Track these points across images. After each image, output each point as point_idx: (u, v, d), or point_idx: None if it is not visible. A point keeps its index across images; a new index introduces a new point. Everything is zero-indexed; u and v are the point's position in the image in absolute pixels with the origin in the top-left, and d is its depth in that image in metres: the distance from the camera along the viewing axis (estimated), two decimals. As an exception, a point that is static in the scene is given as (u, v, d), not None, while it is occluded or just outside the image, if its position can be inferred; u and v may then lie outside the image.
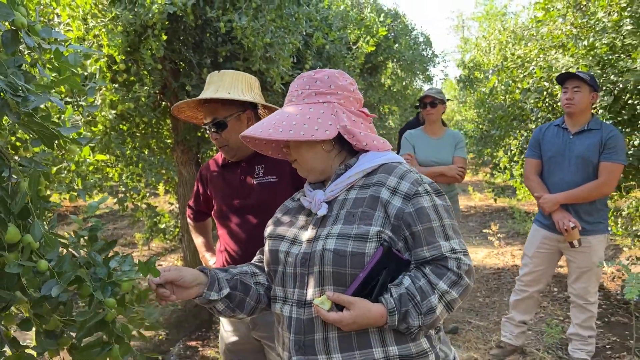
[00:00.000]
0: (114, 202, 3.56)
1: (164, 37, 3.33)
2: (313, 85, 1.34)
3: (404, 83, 9.73)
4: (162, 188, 6.10)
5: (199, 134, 4.31)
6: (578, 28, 4.02)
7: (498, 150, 4.90)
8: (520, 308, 3.37)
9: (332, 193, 1.30)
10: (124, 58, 3.39)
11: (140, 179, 3.93)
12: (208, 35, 3.92)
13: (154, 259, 1.35)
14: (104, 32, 3.23)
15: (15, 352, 1.31)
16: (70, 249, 1.47)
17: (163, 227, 5.24)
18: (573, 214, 3.05)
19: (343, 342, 1.20)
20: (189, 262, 4.46)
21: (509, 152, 4.64)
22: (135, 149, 3.99)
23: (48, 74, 1.39)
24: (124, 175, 3.81)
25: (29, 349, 1.34)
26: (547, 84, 4.12)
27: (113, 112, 3.35)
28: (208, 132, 1.95)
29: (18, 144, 1.62)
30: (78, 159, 2.64)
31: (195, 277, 1.31)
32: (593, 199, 3.04)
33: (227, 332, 2.04)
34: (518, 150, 4.54)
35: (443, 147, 3.70)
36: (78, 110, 1.92)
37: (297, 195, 1.48)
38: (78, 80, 1.38)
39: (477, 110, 6.00)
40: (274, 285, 1.35)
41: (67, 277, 1.28)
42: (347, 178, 1.30)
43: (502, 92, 4.66)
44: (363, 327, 1.17)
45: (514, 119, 4.63)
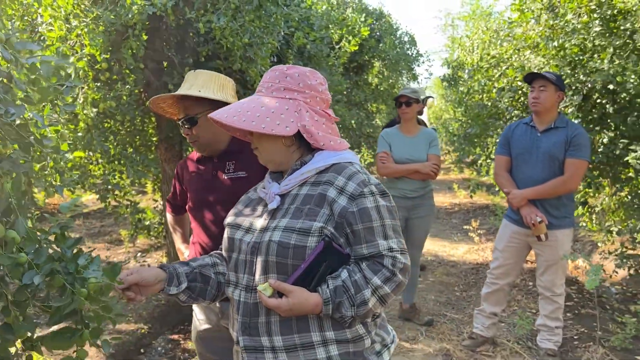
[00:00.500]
0: (97, 198, 3.63)
1: (145, 37, 3.40)
2: (283, 80, 1.40)
3: (390, 81, 9.84)
4: (150, 186, 6.16)
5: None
6: (550, 29, 4.14)
7: (475, 148, 5.02)
8: (491, 300, 3.49)
9: (285, 187, 1.39)
10: (107, 57, 3.46)
11: (123, 176, 4.00)
12: (191, 35, 4.00)
13: (119, 265, 1.44)
14: (86, 31, 3.30)
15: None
16: (44, 244, 1.55)
17: (147, 224, 5.31)
18: (540, 209, 3.17)
19: (284, 326, 1.29)
20: (173, 257, 4.53)
21: (486, 149, 4.75)
22: (118, 146, 4.06)
23: (24, 86, 1.48)
24: (107, 172, 3.88)
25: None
26: (520, 83, 4.24)
27: (95, 110, 3.42)
28: (181, 129, 2.04)
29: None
30: (56, 156, 2.71)
31: (156, 275, 1.40)
32: (559, 194, 3.16)
33: (199, 320, 2.14)
34: (494, 148, 4.65)
35: (418, 145, 3.81)
36: (54, 110, 2.00)
37: (259, 186, 1.56)
38: (50, 93, 1.47)
39: (460, 109, 6.13)
40: (228, 271, 1.45)
41: (45, 268, 1.38)
42: (300, 174, 1.38)
43: (478, 91, 4.78)
44: (299, 314, 1.27)
45: (491, 118, 4.75)
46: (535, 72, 3.26)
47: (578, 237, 6.88)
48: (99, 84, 3.64)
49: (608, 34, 3.89)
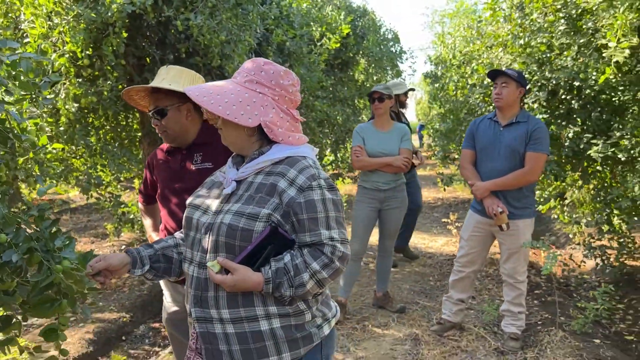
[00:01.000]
0: (80, 191, 3.75)
1: (125, 34, 3.52)
2: (258, 74, 1.49)
3: (375, 78, 9.99)
4: (137, 181, 6.26)
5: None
6: (520, 27, 4.30)
7: (449, 144, 5.18)
8: (458, 287, 3.65)
9: (242, 174, 1.51)
10: (89, 53, 3.57)
11: (105, 169, 4.12)
12: (171, 32, 4.11)
13: (91, 253, 1.59)
14: (67, 29, 3.41)
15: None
16: (23, 225, 1.69)
17: (132, 217, 5.42)
18: (502, 200, 3.33)
19: (230, 300, 1.42)
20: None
21: (460, 144, 4.91)
22: (101, 140, 4.17)
23: (5, 81, 1.60)
24: (89, 166, 3.99)
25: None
26: (489, 80, 4.39)
27: (76, 105, 3.53)
28: (151, 120, 2.17)
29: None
30: (35, 148, 2.84)
31: (121, 260, 1.55)
32: (520, 186, 3.32)
33: (168, 303, 2.27)
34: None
35: (390, 139, 3.95)
36: (33, 104, 2.12)
37: (223, 168, 1.68)
38: (29, 86, 1.61)
39: (436, 105, 6.29)
40: (185, 247, 1.57)
41: (23, 247, 1.52)
42: (256, 163, 1.50)
43: (452, 87, 4.94)
44: (242, 290, 1.40)
45: (465, 113, 4.92)
46: (498, 69, 3.42)
47: (553, 229, 7.09)
48: (81, 80, 3.75)
49: (573, 33, 4.05)
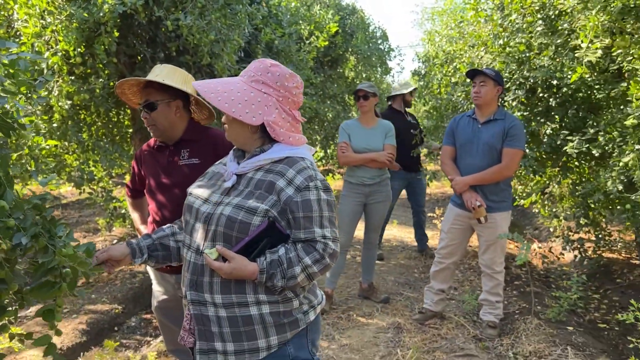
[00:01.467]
0: (72, 185, 3.86)
1: (116, 33, 3.62)
2: (264, 75, 1.57)
3: (364, 75, 10.12)
4: (128, 178, 6.36)
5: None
6: (499, 28, 4.45)
7: (434, 140, 5.33)
8: (439, 278, 3.80)
9: (243, 169, 1.60)
10: (82, 51, 3.67)
11: (97, 165, 4.22)
12: (162, 30, 4.22)
13: (93, 245, 1.72)
14: (60, 28, 3.51)
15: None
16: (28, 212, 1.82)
17: (123, 212, 5.53)
18: (480, 194, 3.48)
19: (224, 286, 1.52)
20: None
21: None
22: (93, 137, 4.28)
23: (3, 79, 1.72)
24: (81, 161, 4.10)
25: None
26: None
27: (69, 102, 3.63)
28: (141, 113, 2.28)
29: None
30: (31, 144, 2.95)
31: (122, 251, 1.70)
32: (497, 181, 3.47)
33: (157, 291, 2.40)
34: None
35: (375, 135, 4.09)
36: (28, 102, 2.24)
37: (224, 160, 1.77)
38: (26, 84, 1.73)
39: (420, 102, 6.43)
40: (184, 233, 1.67)
41: (31, 231, 1.65)
42: (257, 160, 1.59)
43: (435, 85, 5.09)
44: (237, 278, 1.49)
45: (449, 111, 5.06)
46: (476, 68, 3.56)
47: (536, 224, 7.27)
48: (73, 78, 3.85)
49: (550, 33, 4.20)
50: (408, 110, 5.46)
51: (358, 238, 5.49)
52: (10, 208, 1.66)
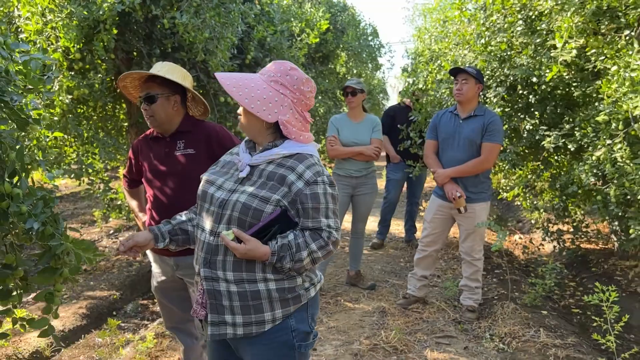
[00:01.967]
0: (72, 176, 4.02)
1: (115, 31, 3.79)
2: (283, 77, 1.70)
3: (354, 71, 10.31)
4: (122, 170, 6.50)
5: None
6: (482, 27, 4.65)
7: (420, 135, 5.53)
8: (422, 265, 4.01)
9: (256, 161, 1.76)
10: (80, 47, 3.83)
11: (96, 157, 4.39)
12: (159, 27, 4.38)
13: (94, 243, 1.91)
14: (61, 25, 3.67)
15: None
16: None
17: (119, 204, 5.69)
18: (460, 186, 3.68)
19: (236, 265, 1.70)
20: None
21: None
22: (91, 130, 4.44)
23: (17, 77, 1.89)
24: (80, 153, 4.27)
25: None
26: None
27: (69, 97, 3.80)
28: (141, 104, 2.44)
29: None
30: (38, 135, 3.12)
31: (146, 237, 1.87)
32: (476, 173, 3.68)
33: (156, 273, 2.58)
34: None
35: (362, 130, 4.28)
36: (38, 96, 2.40)
37: (234, 150, 1.94)
38: (38, 83, 1.90)
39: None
40: (199, 216, 1.83)
41: (41, 217, 1.82)
42: (270, 154, 1.74)
43: (421, 81, 5.28)
44: (251, 258, 1.67)
45: (434, 107, 5.26)
46: (459, 67, 3.76)
47: (520, 216, 7.51)
48: (73, 73, 4.01)
49: (530, 33, 4.41)
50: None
51: (347, 230, 5.68)
52: (23, 195, 1.84)
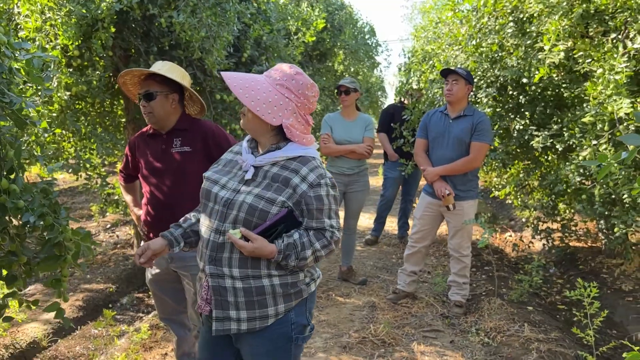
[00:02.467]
0: (69, 171, 4.11)
1: (113, 29, 3.86)
2: (289, 81, 1.74)
3: (352, 69, 10.39)
4: (120, 166, 6.59)
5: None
6: (475, 29, 4.73)
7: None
8: (411, 261, 4.10)
9: (260, 162, 1.81)
10: (79, 45, 3.90)
11: (93, 152, 4.47)
12: (156, 25, 4.45)
13: (89, 232, 2.00)
14: (60, 23, 3.74)
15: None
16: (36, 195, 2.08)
17: (117, 198, 5.77)
18: (449, 184, 3.77)
19: (241, 261, 1.76)
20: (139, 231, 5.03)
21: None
22: (89, 126, 4.52)
23: (21, 75, 1.98)
24: (78, 149, 4.35)
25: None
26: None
27: (68, 93, 3.88)
28: (140, 102, 2.52)
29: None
30: (36, 131, 3.20)
31: (161, 244, 1.92)
32: (465, 172, 3.77)
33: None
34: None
35: (355, 128, 4.37)
36: (37, 93, 2.49)
37: (235, 148, 1.99)
38: (40, 81, 1.99)
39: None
40: (202, 213, 1.88)
41: (38, 211, 1.91)
42: (273, 156, 1.80)
43: (415, 80, 5.38)
44: (257, 256, 1.74)
45: (428, 106, 5.35)
46: (449, 67, 3.85)
47: (512, 215, 7.60)
48: (71, 70, 4.09)
49: (521, 35, 4.49)
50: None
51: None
52: (20, 191, 1.93)
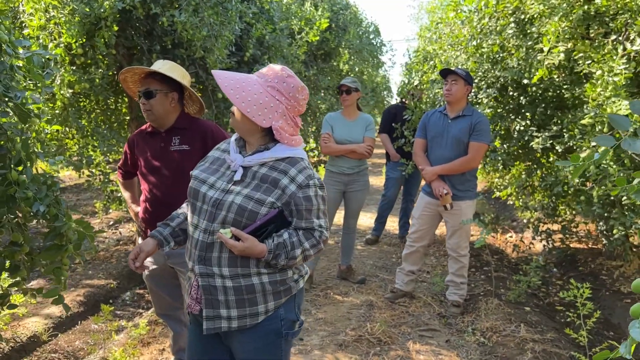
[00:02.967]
0: (72, 168, 4.15)
1: (115, 28, 3.90)
2: (280, 84, 1.76)
3: (357, 69, 10.40)
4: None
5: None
6: (477, 29, 4.74)
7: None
8: (410, 260, 4.12)
9: (249, 162, 1.83)
10: (82, 43, 3.95)
11: (96, 150, 4.52)
12: (159, 24, 4.50)
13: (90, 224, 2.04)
14: (63, 21, 3.79)
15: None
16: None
17: (120, 195, 5.82)
18: (447, 183, 3.79)
19: (231, 260, 1.78)
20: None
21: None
22: (92, 123, 4.57)
23: (22, 72, 2.02)
24: (81, 146, 4.40)
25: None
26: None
27: (70, 91, 3.93)
28: (139, 99, 2.56)
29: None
30: (37, 128, 3.25)
31: (152, 245, 1.92)
32: (463, 172, 3.78)
33: (148, 261, 2.69)
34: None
35: (356, 128, 4.39)
36: (38, 89, 2.53)
37: (222, 146, 1.99)
38: (40, 78, 2.03)
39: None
40: (190, 213, 1.89)
41: (46, 201, 1.96)
42: (262, 157, 1.82)
43: (416, 80, 5.39)
44: (248, 255, 1.75)
45: (429, 106, 5.36)
46: (449, 68, 3.86)
47: (515, 216, 7.59)
48: (75, 68, 4.14)
49: (522, 36, 4.50)
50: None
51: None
52: (29, 182, 1.98)
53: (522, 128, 4.68)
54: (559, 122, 4.32)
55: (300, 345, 3.37)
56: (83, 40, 3.95)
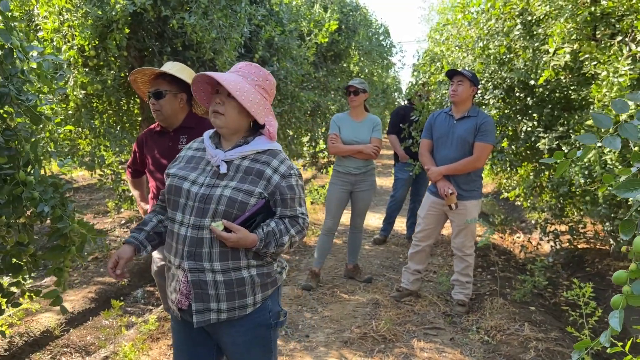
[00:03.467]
0: (84, 168, 4.25)
1: (127, 30, 3.99)
2: (264, 82, 1.88)
3: (366, 70, 10.45)
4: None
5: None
6: (484, 31, 4.77)
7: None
8: (415, 259, 4.16)
9: (231, 156, 1.89)
10: (95, 45, 4.05)
11: (108, 150, 4.62)
12: (170, 26, 4.58)
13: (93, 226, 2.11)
14: (77, 24, 3.89)
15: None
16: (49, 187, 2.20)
17: (131, 195, 5.93)
18: (453, 183, 3.82)
19: (222, 255, 1.83)
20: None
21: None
22: (104, 124, 4.67)
23: (32, 77, 2.10)
24: (93, 146, 4.50)
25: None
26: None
27: (83, 92, 4.02)
28: (149, 99, 2.63)
29: (5, 115, 2.32)
30: (51, 128, 3.35)
31: (130, 252, 1.93)
32: (468, 172, 3.82)
33: (156, 258, 2.77)
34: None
35: (363, 129, 4.43)
36: (51, 92, 2.61)
37: (194, 145, 2.04)
38: (50, 83, 2.11)
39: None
40: (173, 210, 1.91)
41: (52, 202, 2.03)
42: (243, 150, 1.89)
43: (422, 81, 5.44)
44: (241, 246, 1.82)
45: (436, 107, 5.39)
46: (455, 69, 3.89)
47: (524, 217, 7.59)
48: (87, 69, 4.23)
49: (529, 37, 4.52)
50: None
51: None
52: (36, 183, 2.05)
53: (529, 129, 4.70)
54: (566, 123, 4.33)
55: (306, 342, 3.42)
56: (95, 43, 4.04)
